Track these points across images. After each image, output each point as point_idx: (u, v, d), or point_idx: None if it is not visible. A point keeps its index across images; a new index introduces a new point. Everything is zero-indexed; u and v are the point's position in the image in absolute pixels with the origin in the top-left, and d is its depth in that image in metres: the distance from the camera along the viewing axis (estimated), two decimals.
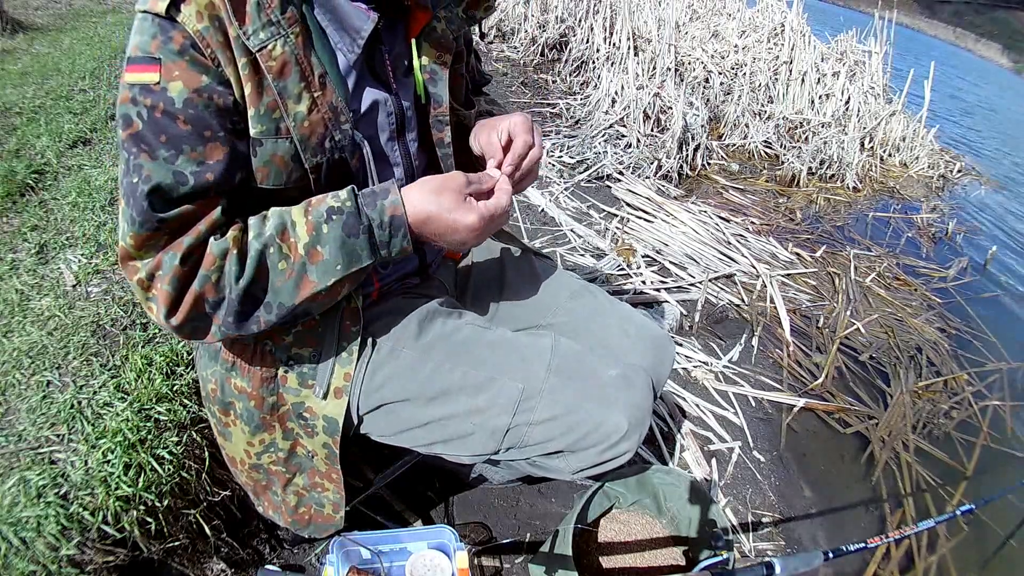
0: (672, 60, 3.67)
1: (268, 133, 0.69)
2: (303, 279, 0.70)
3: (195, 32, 0.63)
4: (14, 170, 1.68)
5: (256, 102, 0.67)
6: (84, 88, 2.41)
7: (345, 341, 0.82)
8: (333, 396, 0.83)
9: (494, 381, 0.83)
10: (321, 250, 0.69)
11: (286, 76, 0.68)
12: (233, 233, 0.69)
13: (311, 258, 0.69)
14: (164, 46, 0.63)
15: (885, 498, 1.65)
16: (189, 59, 0.63)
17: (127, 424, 1.01)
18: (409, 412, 0.85)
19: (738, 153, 3.94)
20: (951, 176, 4.59)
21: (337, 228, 0.69)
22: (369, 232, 0.70)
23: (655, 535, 1.17)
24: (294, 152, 0.71)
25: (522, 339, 0.90)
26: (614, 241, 2.53)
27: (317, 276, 0.70)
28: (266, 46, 0.66)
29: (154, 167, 0.64)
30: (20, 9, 3.55)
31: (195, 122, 0.65)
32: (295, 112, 0.69)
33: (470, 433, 0.85)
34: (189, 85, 0.64)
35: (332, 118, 0.72)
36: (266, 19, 0.66)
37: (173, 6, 0.62)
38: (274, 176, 0.72)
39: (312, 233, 0.69)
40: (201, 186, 0.66)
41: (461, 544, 0.97)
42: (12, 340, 1.15)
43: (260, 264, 0.68)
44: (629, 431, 0.84)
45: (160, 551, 1.00)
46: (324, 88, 0.71)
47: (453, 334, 0.88)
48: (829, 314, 2.39)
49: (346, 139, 0.74)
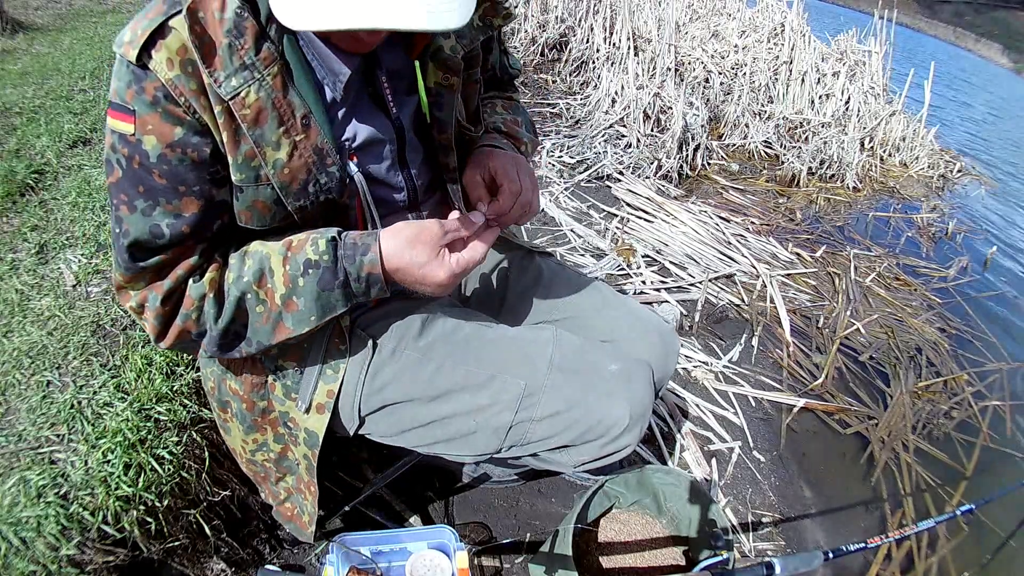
0: (672, 60, 3.67)
1: (248, 180, 0.68)
2: (279, 324, 0.73)
3: (167, 81, 0.60)
4: (14, 170, 1.68)
5: (234, 151, 0.65)
6: (84, 88, 2.41)
7: (331, 359, 0.82)
8: (315, 411, 0.83)
9: (496, 379, 0.83)
10: (296, 301, 0.71)
11: (262, 123, 0.65)
12: (211, 275, 0.71)
13: (287, 307, 0.72)
14: (137, 96, 0.61)
15: (885, 498, 1.65)
16: (162, 111, 0.62)
17: (127, 424, 1.01)
18: (411, 412, 0.85)
19: (738, 153, 3.94)
20: (951, 176, 4.59)
21: (312, 282, 0.70)
22: (344, 285, 0.72)
23: (655, 535, 1.17)
24: (276, 197, 0.70)
25: (523, 335, 0.89)
26: (614, 241, 2.53)
27: (292, 324, 0.73)
28: (239, 93, 0.62)
29: (132, 220, 0.66)
30: (20, 9, 3.54)
31: (169, 177, 0.64)
32: (274, 159, 0.67)
33: (473, 432, 0.85)
34: (162, 140, 0.63)
35: (316, 161, 0.69)
36: (239, 63, 0.62)
37: (145, 52, 0.60)
38: (257, 219, 0.72)
39: (288, 285, 0.71)
40: (177, 237, 0.67)
41: (461, 544, 0.97)
42: (12, 340, 1.15)
43: (239, 307, 0.72)
44: (630, 425, 0.84)
45: (160, 551, 1.00)
46: (307, 130, 0.67)
47: (454, 333, 0.88)
48: (829, 314, 2.39)
49: (332, 180, 0.72)
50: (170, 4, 0.61)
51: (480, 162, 0.86)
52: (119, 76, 0.62)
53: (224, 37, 0.61)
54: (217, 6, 0.61)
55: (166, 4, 0.61)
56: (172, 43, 0.60)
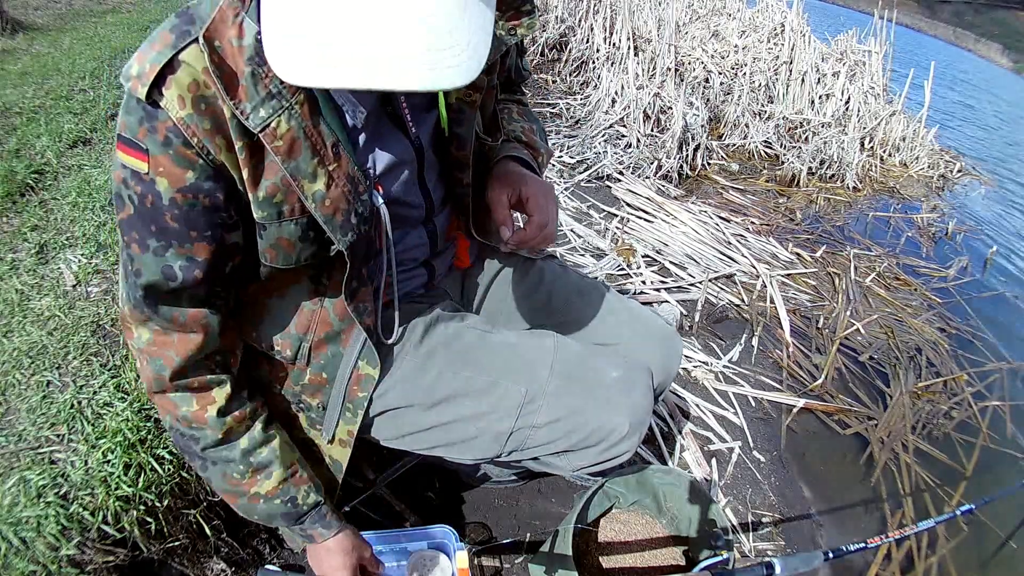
0: (672, 60, 3.67)
1: (271, 217, 0.65)
2: (233, 495, 0.78)
3: (179, 120, 0.57)
4: (14, 170, 1.68)
5: (254, 188, 0.63)
6: (84, 88, 2.40)
7: (351, 403, 0.82)
8: (338, 444, 0.85)
9: (497, 385, 0.83)
10: (261, 503, 0.78)
11: (296, 155, 0.61)
12: (230, 424, 0.74)
13: (252, 499, 0.78)
14: (150, 135, 0.58)
15: (885, 498, 1.65)
16: (173, 153, 0.59)
17: (127, 424, 1.01)
18: (413, 417, 0.85)
19: (738, 153, 3.94)
20: (951, 176, 4.59)
21: (281, 511, 0.79)
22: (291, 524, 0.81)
23: (655, 535, 1.17)
24: (301, 232, 0.68)
25: (525, 341, 0.89)
26: (614, 241, 2.53)
27: (240, 506, 0.80)
28: (269, 124, 0.59)
29: (144, 260, 0.64)
30: (20, 9, 3.55)
31: (181, 221, 0.62)
32: (313, 192, 0.63)
33: (473, 437, 0.85)
34: (174, 184, 0.60)
35: (351, 190, 0.67)
36: (265, 92, 0.58)
37: (155, 88, 0.56)
38: (283, 258, 0.69)
39: (269, 495, 0.78)
40: (190, 281, 0.65)
41: (461, 544, 0.97)
42: (12, 340, 1.15)
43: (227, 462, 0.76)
44: (630, 432, 0.84)
45: (160, 551, 1.00)
46: (339, 159, 0.65)
47: (455, 339, 0.87)
48: (829, 314, 2.39)
49: (367, 209, 0.69)
50: (178, 34, 0.57)
51: (510, 182, 0.85)
52: (129, 111, 0.59)
53: (246, 65, 0.57)
54: (234, 33, 0.57)
55: (174, 34, 0.57)
56: (183, 78, 0.57)
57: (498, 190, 0.85)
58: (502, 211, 0.84)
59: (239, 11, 0.58)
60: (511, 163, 0.89)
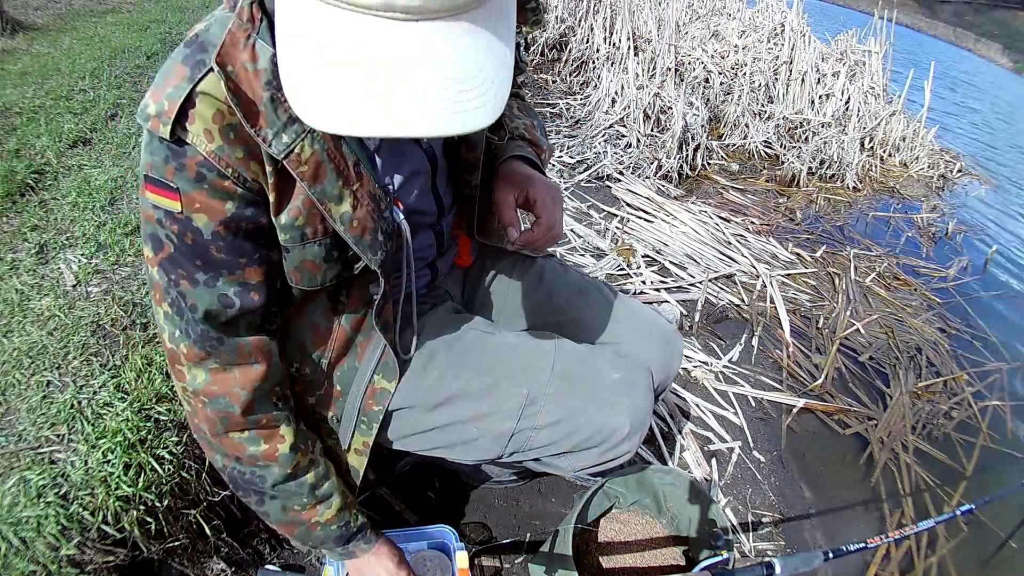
0: (672, 60, 3.67)
1: (294, 240, 0.64)
2: (291, 525, 0.79)
3: (210, 154, 0.56)
4: (14, 170, 1.68)
5: (278, 211, 0.62)
6: (84, 88, 2.40)
7: (366, 416, 0.83)
8: (354, 453, 0.85)
9: (498, 387, 0.84)
10: (318, 529, 0.80)
11: (322, 178, 0.60)
12: (298, 458, 0.75)
13: (311, 526, 0.79)
14: (179, 173, 0.56)
15: (885, 498, 1.65)
16: (208, 187, 0.57)
17: (127, 424, 1.01)
18: (414, 418, 0.85)
19: (738, 153, 3.94)
20: (951, 176, 4.59)
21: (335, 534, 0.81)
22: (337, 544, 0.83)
23: (655, 535, 1.17)
24: (324, 254, 0.67)
25: (525, 343, 0.89)
26: (614, 241, 2.53)
27: (298, 533, 0.81)
28: (293, 150, 0.58)
29: (197, 293, 0.62)
30: (20, 9, 3.54)
31: (228, 251, 0.61)
32: (340, 213, 0.63)
33: (474, 438, 0.85)
34: (214, 217, 0.59)
35: (375, 208, 0.66)
36: (286, 116, 0.57)
37: (178, 126, 0.55)
38: (308, 279, 0.69)
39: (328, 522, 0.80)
40: (248, 305, 0.65)
41: (461, 544, 0.97)
42: (12, 340, 1.15)
43: (289, 493, 0.76)
44: (631, 432, 0.85)
45: (160, 551, 1.00)
46: (361, 178, 0.64)
47: (457, 340, 0.88)
48: (829, 314, 2.39)
49: (390, 226, 0.69)
50: (193, 65, 0.55)
51: (517, 183, 0.85)
52: (152, 151, 0.57)
53: (264, 90, 0.56)
54: (247, 57, 0.55)
55: (188, 66, 0.55)
56: (205, 111, 0.55)
57: (505, 191, 0.84)
58: (509, 212, 0.83)
59: (250, 33, 0.55)
60: (517, 163, 0.89)
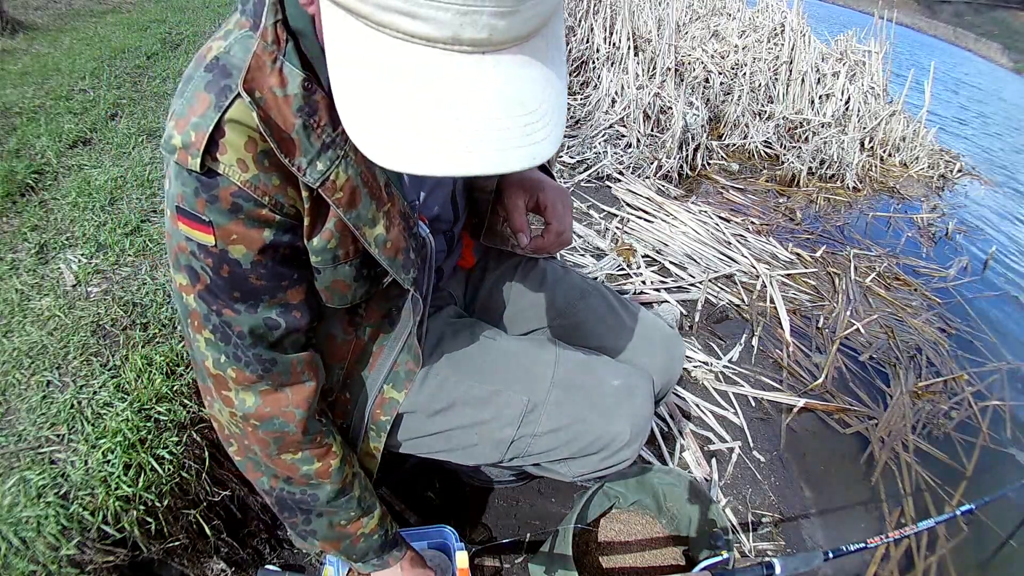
0: (672, 60, 3.67)
1: (326, 262, 0.63)
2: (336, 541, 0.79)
3: (244, 184, 0.54)
4: (14, 170, 1.68)
5: (311, 235, 0.61)
6: (84, 88, 2.40)
7: (374, 424, 0.83)
8: (365, 456, 0.85)
9: (499, 394, 0.84)
10: (361, 541, 0.80)
11: (357, 203, 0.59)
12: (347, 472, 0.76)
13: (355, 540, 0.80)
14: (211, 205, 0.54)
15: (885, 498, 1.65)
16: (245, 217, 0.55)
17: (127, 424, 1.01)
18: (414, 423, 0.85)
19: (738, 153, 3.94)
20: (951, 176, 4.59)
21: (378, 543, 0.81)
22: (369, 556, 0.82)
23: (655, 535, 1.17)
24: (355, 273, 0.67)
25: (527, 349, 0.89)
26: (614, 241, 2.53)
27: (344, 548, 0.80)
28: (328, 177, 0.56)
29: (240, 320, 0.61)
30: (20, 9, 3.54)
31: (269, 278, 0.60)
32: (375, 236, 0.62)
33: (475, 444, 0.85)
34: (252, 247, 0.57)
35: (405, 227, 0.66)
36: (319, 143, 0.55)
37: (209, 156, 0.52)
38: (338, 299, 0.69)
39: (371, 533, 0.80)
40: (293, 325, 0.65)
41: (461, 544, 0.97)
42: (12, 340, 1.15)
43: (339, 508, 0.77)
44: (631, 440, 0.85)
45: (160, 551, 1.00)
46: (392, 198, 0.63)
47: (458, 346, 0.88)
48: (829, 314, 2.39)
49: (419, 242, 0.69)
50: (217, 92, 0.53)
51: (527, 187, 0.85)
52: (182, 182, 0.55)
53: (295, 117, 0.54)
54: (275, 82, 0.52)
55: (211, 93, 0.53)
56: (236, 140, 0.53)
57: (515, 196, 0.84)
58: (519, 218, 0.83)
59: (276, 56, 0.53)
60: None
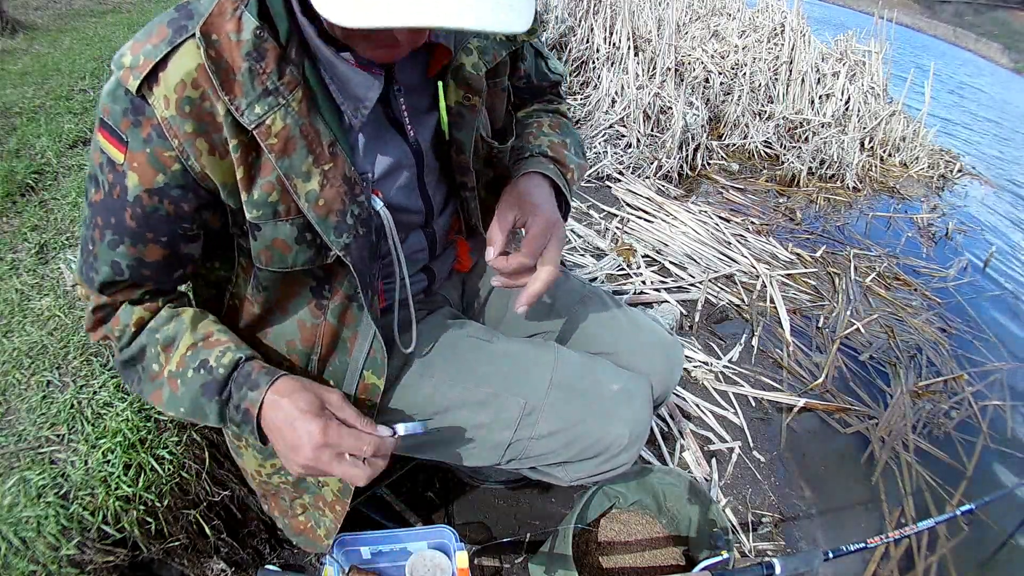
0: (672, 60, 3.67)
1: (265, 217, 0.63)
2: (157, 391, 0.70)
3: (162, 120, 0.57)
4: (14, 170, 1.68)
5: (249, 186, 0.61)
6: (84, 88, 2.41)
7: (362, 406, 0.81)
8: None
9: (496, 397, 0.83)
10: (178, 386, 0.68)
11: (290, 152, 0.60)
12: (140, 312, 0.70)
13: (170, 383, 0.68)
14: (132, 128, 0.58)
15: (885, 498, 1.65)
16: (150, 152, 0.59)
17: (127, 424, 1.01)
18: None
19: (738, 153, 3.94)
20: (951, 176, 4.59)
21: (197, 382, 0.67)
22: (222, 404, 0.67)
23: (655, 535, 1.17)
24: (297, 234, 0.65)
25: (525, 352, 0.89)
26: (614, 241, 2.53)
27: (166, 399, 0.69)
28: (264, 121, 0.58)
29: (100, 251, 0.65)
30: (20, 9, 3.55)
31: (139, 221, 0.63)
32: (306, 191, 0.62)
33: (472, 447, 0.85)
34: (143, 183, 0.60)
35: (347, 191, 0.64)
36: (261, 88, 0.57)
37: (145, 84, 0.56)
38: (278, 260, 0.67)
39: (179, 368, 0.68)
40: (137, 279, 0.67)
41: (461, 544, 0.97)
42: (12, 340, 1.15)
43: (140, 352, 0.71)
44: (629, 443, 0.84)
45: (160, 551, 1.00)
46: (335, 158, 0.63)
47: (455, 348, 0.87)
48: (829, 314, 2.39)
49: (364, 212, 0.67)
50: (176, 29, 0.56)
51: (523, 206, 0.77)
52: (115, 98, 0.58)
53: (243, 61, 0.56)
54: (232, 28, 0.56)
55: (171, 29, 0.56)
56: (172, 78, 0.56)
57: (505, 208, 0.77)
58: (496, 229, 0.76)
59: (239, 6, 0.57)
60: (535, 184, 0.82)
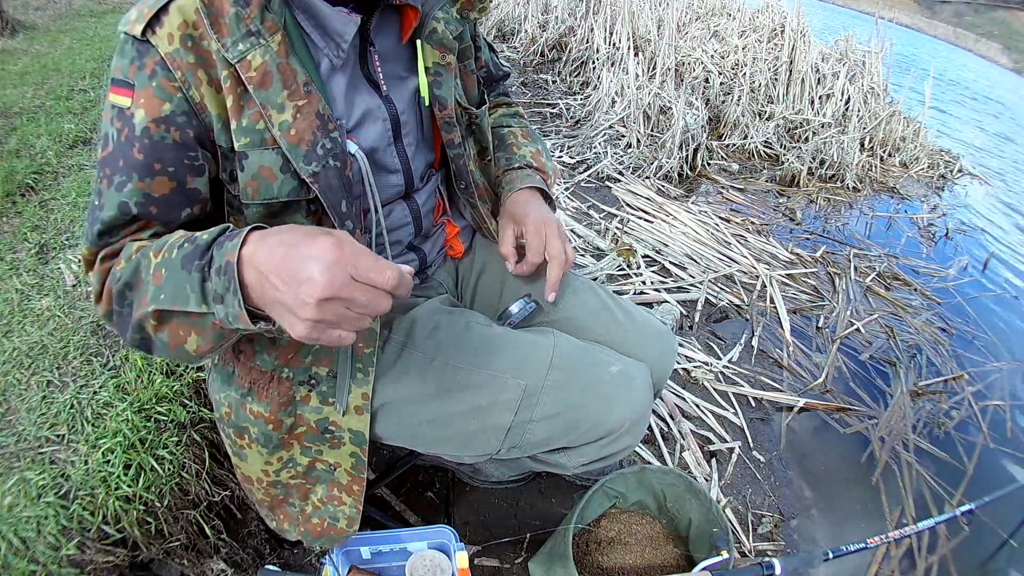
0: (672, 60, 3.67)
1: (253, 145, 0.68)
2: (144, 296, 0.62)
3: (166, 55, 0.64)
4: (14, 170, 1.68)
5: (238, 114, 0.67)
6: (84, 88, 2.41)
7: (359, 362, 0.81)
8: (354, 412, 0.83)
9: (496, 379, 0.83)
10: (163, 273, 0.61)
11: (267, 86, 0.67)
12: (143, 243, 0.66)
13: (155, 277, 0.61)
14: (139, 71, 0.65)
15: (885, 498, 1.65)
16: (156, 84, 0.65)
17: (127, 424, 1.01)
18: (410, 412, 0.85)
19: (738, 153, 3.94)
20: (951, 176, 4.58)
21: (180, 256, 0.60)
22: (203, 271, 0.58)
23: (655, 535, 1.17)
24: (282, 163, 0.70)
25: (523, 337, 0.90)
26: (614, 241, 2.53)
27: (150, 296, 0.61)
28: (245, 57, 0.65)
29: (108, 196, 0.66)
30: (20, 9, 3.55)
31: (147, 152, 0.65)
32: (280, 121, 0.68)
33: (472, 432, 0.85)
34: (150, 114, 0.65)
35: (320, 125, 0.70)
36: (244, 29, 0.65)
37: (149, 28, 0.63)
38: (263, 189, 0.70)
39: (165, 256, 0.61)
40: (144, 215, 0.67)
41: (461, 544, 0.97)
42: (12, 340, 1.15)
43: (134, 271, 0.64)
44: (630, 427, 0.85)
45: (160, 551, 1.00)
46: (309, 95, 0.69)
47: (453, 333, 0.88)
48: (829, 314, 2.39)
49: (337, 147, 0.72)
50: None
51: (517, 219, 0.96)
52: (123, 54, 0.66)
53: (231, 7, 0.65)
54: None
55: None
56: (174, 20, 0.64)
57: (505, 227, 0.96)
58: (506, 245, 0.95)
59: None
60: (525, 196, 0.97)
